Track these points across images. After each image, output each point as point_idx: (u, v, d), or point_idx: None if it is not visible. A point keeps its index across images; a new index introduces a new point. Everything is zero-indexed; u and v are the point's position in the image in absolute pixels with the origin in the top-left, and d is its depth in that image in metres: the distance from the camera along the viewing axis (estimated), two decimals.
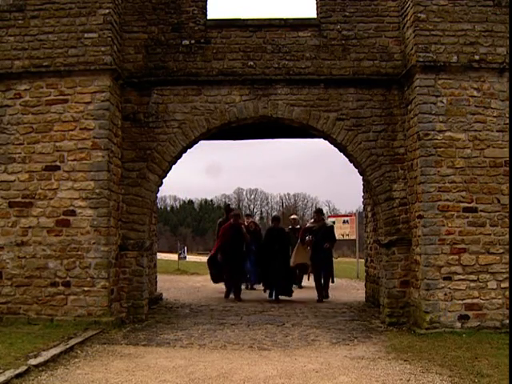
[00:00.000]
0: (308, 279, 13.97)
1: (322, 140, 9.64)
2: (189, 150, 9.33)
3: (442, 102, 8.23)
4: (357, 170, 9.43)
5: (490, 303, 7.88)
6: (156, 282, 12.14)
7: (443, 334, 7.41)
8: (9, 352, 5.98)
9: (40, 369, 5.45)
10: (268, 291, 12.41)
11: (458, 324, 7.80)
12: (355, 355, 6.39)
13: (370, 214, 11.75)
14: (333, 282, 13.06)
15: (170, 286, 14.43)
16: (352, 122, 8.96)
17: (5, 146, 8.33)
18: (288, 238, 12.60)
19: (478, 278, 7.93)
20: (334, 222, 15.44)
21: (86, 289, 8.05)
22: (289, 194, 66.88)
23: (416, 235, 8.34)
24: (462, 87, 8.26)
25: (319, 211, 13.02)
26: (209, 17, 9.29)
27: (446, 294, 7.84)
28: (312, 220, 12.85)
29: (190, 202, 68.10)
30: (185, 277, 18.71)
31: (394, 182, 8.87)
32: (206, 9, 9.28)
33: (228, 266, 12.09)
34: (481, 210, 8.07)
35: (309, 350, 6.78)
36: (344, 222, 20.43)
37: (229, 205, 12.40)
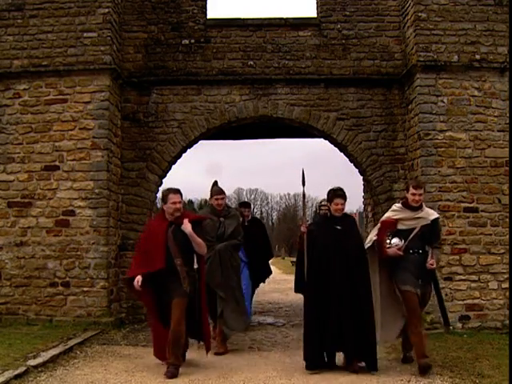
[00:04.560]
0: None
1: (322, 140, 9.62)
2: (189, 150, 9.32)
3: (443, 102, 8.21)
4: (357, 170, 9.41)
5: (490, 304, 7.86)
6: None
7: (444, 335, 7.38)
8: (8, 353, 5.95)
9: (39, 369, 5.41)
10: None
11: (459, 324, 7.78)
12: None
13: (370, 214, 11.70)
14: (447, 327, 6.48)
15: None
16: (352, 122, 8.94)
17: (4, 146, 8.31)
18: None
19: (478, 279, 7.91)
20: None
21: (85, 289, 8.02)
22: (289, 194, 66.90)
23: None
24: (462, 87, 8.24)
25: (418, 185, 5.83)
26: (209, 16, 9.28)
27: (446, 295, 7.81)
28: (399, 205, 5.93)
29: (190, 202, 68.08)
30: None
31: (395, 181, 8.85)
32: (205, 8, 9.27)
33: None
34: (481, 210, 8.04)
35: None
36: None
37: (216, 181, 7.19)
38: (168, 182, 9.41)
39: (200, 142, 9.38)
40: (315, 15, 9.33)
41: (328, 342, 5.46)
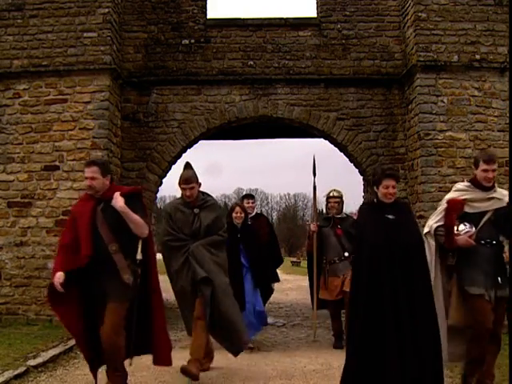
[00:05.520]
0: None
1: (322, 140, 9.62)
2: (189, 150, 9.32)
3: (443, 102, 8.21)
4: (357, 170, 9.41)
5: None
6: None
7: None
8: (8, 353, 5.94)
9: (39, 369, 5.41)
10: None
11: None
12: None
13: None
14: None
15: (169, 286, 14.36)
16: (352, 122, 8.94)
17: (4, 146, 8.30)
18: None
19: None
20: None
21: None
22: (289, 194, 66.88)
23: None
24: (462, 87, 8.24)
25: (491, 158, 4.92)
26: (209, 16, 9.28)
27: None
28: (466, 183, 4.95)
29: None
30: None
31: None
32: (205, 8, 9.27)
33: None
34: None
35: (309, 350, 6.75)
36: None
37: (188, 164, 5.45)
38: (168, 182, 9.41)
39: (200, 141, 9.38)
40: (315, 15, 9.33)
41: (388, 379, 3.91)
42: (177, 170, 9.77)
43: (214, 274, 4.97)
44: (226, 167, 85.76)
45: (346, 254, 6.59)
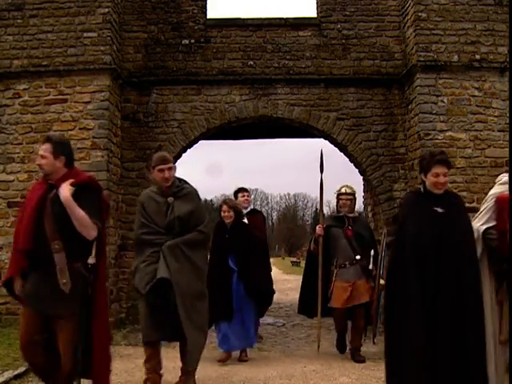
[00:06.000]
0: None
1: (322, 140, 9.61)
2: (189, 150, 9.31)
3: (443, 102, 8.20)
4: (357, 170, 9.40)
5: None
6: None
7: None
8: (7, 353, 5.95)
9: None
10: None
11: None
12: None
13: (370, 214, 11.69)
14: None
15: None
16: (352, 122, 8.94)
17: (4, 146, 8.30)
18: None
19: None
20: None
21: None
22: (289, 194, 66.93)
23: None
24: (462, 87, 8.23)
25: None
26: (209, 16, 9.27)
27: None
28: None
29: None
30: None
31: (395, 181, 8.84)
32: (205, 8, 9.26)
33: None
34: None
35: (309, 350, 6.75)
36: None
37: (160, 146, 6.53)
38: None
39: (200, 141, 9.38)
40: (315, 15, 9.32)
41: None
42: (177, 169, 9.76)
43: (180, 276, 4.22)
44: (226, 167, 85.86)
45: (358, 257, 6.02)
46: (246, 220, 6.30)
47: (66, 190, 3.46)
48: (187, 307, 4.23)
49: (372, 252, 6.01)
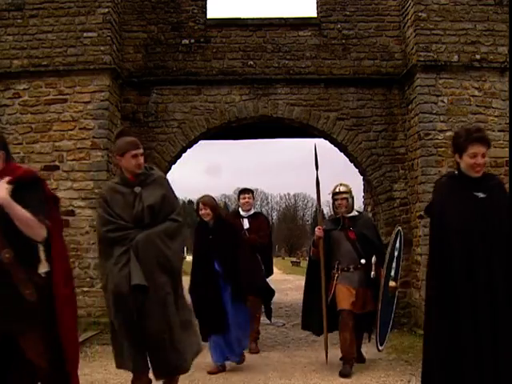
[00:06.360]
0: None
1: (322, 140, 9.61)
2: (189, 150, 9.31)
3: (443, 102, 8.20)
4: (357, 170, 9.40)
5: None
6: None
7: None
8: None
9: None
10: None
11: None
12: None
13: (370, 214, 11.70)
14: None
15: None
16: (352, 122, 8.93)
17: None
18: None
19: None
20: None
21: (85, 289, 8.00)
22: (289, 194, 66.94)
23: (417, 235, 8.31)
24: (462, 87, 8.23)
25: None
26: (209, 16, 9.27)
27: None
28: None
29: (190, 202, 68.06)
30: (184, 277, 18.64)
31: (395, 181, 8.84)
32: (205, 8, 9.26)
33: None
34: None
35: (309, 350, 6.75)
36: None
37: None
38: None
39: (200, 141, 9.38)
40: (315, 15, 9.32)
41: None
42: (177, 169, 9.78)
43: (155, 275, 3.65)
44: (226, 167, 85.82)
45: (363, 262, 5.48)
46: (246, 222, 6.21)
47: (1, 190, 2.96)
48: (155, 306, 3.64)
49: (373, 259, 5.41)
